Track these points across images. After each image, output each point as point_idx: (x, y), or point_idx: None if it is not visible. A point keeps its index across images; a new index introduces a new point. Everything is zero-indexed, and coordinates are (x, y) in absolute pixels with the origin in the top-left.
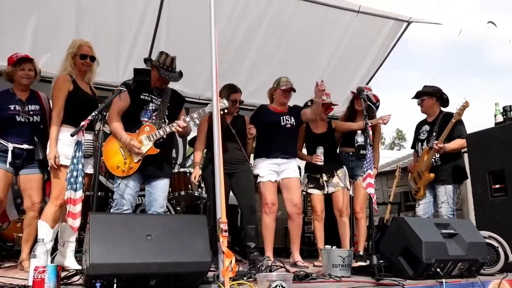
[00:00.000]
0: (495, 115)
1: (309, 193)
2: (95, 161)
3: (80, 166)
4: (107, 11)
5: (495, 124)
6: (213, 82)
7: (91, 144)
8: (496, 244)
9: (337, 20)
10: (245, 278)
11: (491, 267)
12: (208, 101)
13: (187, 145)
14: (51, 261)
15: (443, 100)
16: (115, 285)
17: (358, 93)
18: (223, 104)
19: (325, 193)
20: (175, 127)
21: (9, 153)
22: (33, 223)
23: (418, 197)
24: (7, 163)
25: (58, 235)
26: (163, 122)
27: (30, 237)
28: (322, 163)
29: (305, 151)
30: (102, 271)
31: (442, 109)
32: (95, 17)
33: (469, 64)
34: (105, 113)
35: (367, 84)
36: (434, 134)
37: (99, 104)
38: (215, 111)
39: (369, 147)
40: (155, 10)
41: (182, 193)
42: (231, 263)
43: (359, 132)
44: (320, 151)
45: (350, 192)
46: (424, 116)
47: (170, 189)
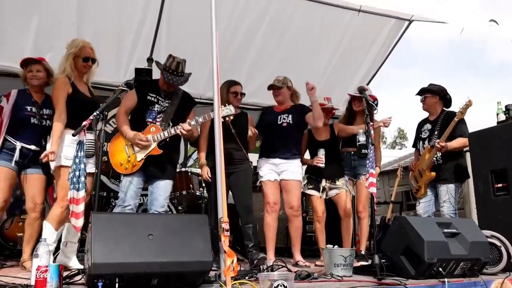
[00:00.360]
0: (497, 114)
1: (308, 194)
2: (96, 161)
3: (82, 166)
4: (108, 11)
5: (498, 123)
6: (214, 81)
7: (93, 143)
8: (498, 243)
9: (338, 19)
10: (246, 277)
11: (493, 266)
12: (209, 101)
13: (189, 145)
14: (53, 261)
15: (446, 100)
16: (117, 284)
17: (359, 92)
18: (229, 110)
19: (325, 197)
20: (180, 130)
21: (17, 152)
22: (35, 224)
23: (418, 195)
24: (13, 162)
25: (62, 234)
26: (168, 124)
27: (31, 238)
28: (323, 165)
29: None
30: (104, 270)
31: (444, 108)
32: (96, 17)
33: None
34: (106, 113)
35: (368, 83)
36: (436, 132)
37: (98, 104)
38: (216, 110)
39: (371, 146)
40: (156, 10)
41: (183, 192)
42: (232, 262)
43: (361, 131)
44: (321, 153)
45: (352, 192)
46: (425, 114)
47: None
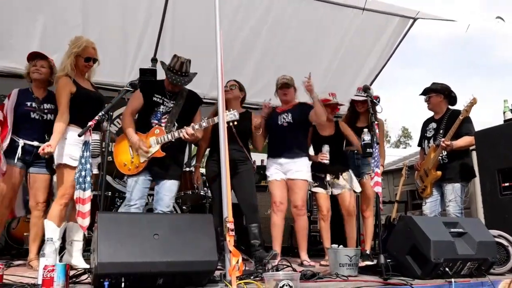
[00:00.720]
0: (504, 112)
1: (314, 192)
2: (102, 161)
3: (88, 166)
4: (112, 11)
5: (504, 121)
6: (219, 84)
7: (98, 144)
8: (506, 243)
9: (342, 17)
10: (252, 277)
11: (501, 266)
12: (213, 100)
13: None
14: (59, 260)
15: (451, 98)
16: (123, 284)
17: (364, 91)
18: (233, 115)
19: (329, 194)
20: (183, 134)
21: (19, 149)
22: (39, 223)
23: (424, 195)
24: (16, 159)
25: (66, 234)
26: (173, 125)
27: (37, 236)
28: (328, 162)
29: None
30: (110, 270)
31: (449, 106)
32: (101, 18)
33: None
34: (111, 113)
35: (372, 82)
36: (441, 131)
37: (103, 99)
38: (221, 111)
39: (376, 145)
40: (159, 10)
41: (188, 192)
42: (238, 262)
43: (365, 130)
44: (325, 149)
45: (358, 191)
46: (430, 113)
47: None
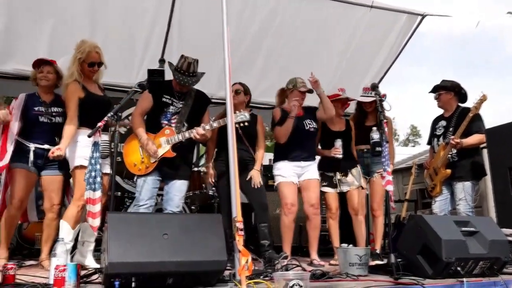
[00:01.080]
0: None
1: (323, 191)
2: (111, 162)
3: (98, 166)
4: (119, 13)
5: None
6: (226, 81)
7: (107, 144)
8: None
9: (349, 15)
10: (261, 276)
11: None
12: (220, 100)
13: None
14: (70, 260)
15: (461, 95)
16: (133, 283)
17: (372, 89)
18: (243, 116)
19: (338, 191)
20: (194, 134)
21: (31, 153)
22: (52, 224)
23: (434, 194)
24: (29, 163)
25: (78, 234)
26: (183, 126)
27: (49, 237)
28: (341, 156)
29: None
30: (120, 269)
31: (459, 104)
32: (108, 19)
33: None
34: (120, 114)
35: (380, 80)
36: (451, 129)
37: (111, 102)
38: (229, 111)
39: (385, 143)
40: (166, 10)
41: (196, 192)
42: (247, 262)
43: (374, 128)
44: (338, 144)
45: (366, 188)
46: (440, 111)
47: None
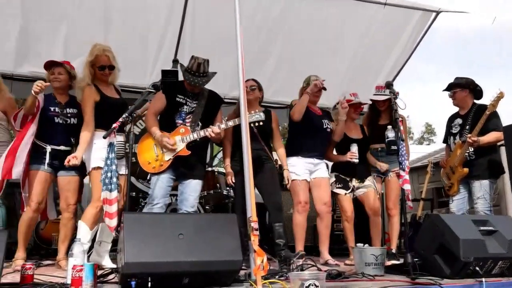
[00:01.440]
0: None
1: (336, 193)
2: (127, 162)
3: (113, 167)
4: (133, 16)
5: None
6: (240, 80)
7: (123, 145)
8: None
9: (363, 13)
10: (277, 276)
11: None
12: (233, 100)
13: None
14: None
15: (477, 92)
16: (149, 283)
17: (386, 87)
18: (258, 116)
19: (353, 197)
20: (209, 132)
21: (47, 155)
22: (69, 224)
23: (451, 193)
24: (46, 165)
25: (96, 234)
26: (197, 125)
27: (66, 237)
28: (357, 161)
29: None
30: (136, 269)
31: (475, 101)
32: (122, 21)
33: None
34: (135, 115)
35: (395, 78)
36: (467, 127)
37: (127, 103)
38: (243, 111)
39: (401, 142)
40: (179, 12)
41: (211, 192)
42: (262, 261)
43: (389, 127)
44: (354, 149)
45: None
46: (455, 109)
47: None
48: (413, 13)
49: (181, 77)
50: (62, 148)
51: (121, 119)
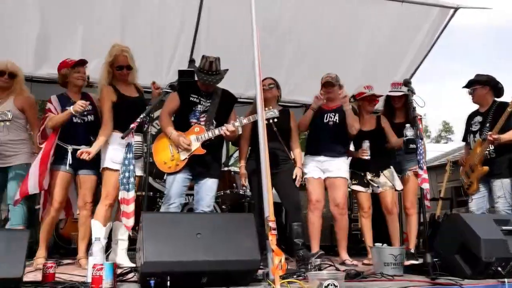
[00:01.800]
0: None
1: (354, 190)
2: (144, 162)
3: (131, 167)
4: (149, 16)
5: None
6: (256, 79)
7: (140, 145)
8: None
9: (379, 9)
10: (294, 276)
11: None
12: (249, 100)
13: (230, 144)
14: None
15: (497, 89)
16: (168, 282)
17: (404, 85)
18: (273, 113)
19: (370, 191)
20: (224, 131)
21: (69, 155)
22: (87, 222)
23: (471, 191)
24: (67, 165)
25: (112, 234)
26: (212, 123)
27: (85, 235)
28: (368, 157)
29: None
30: (156, 268)
31: (495, 99)
32: (138, 22)
33: None
34: (152, 115)
35: (412, 76)
36: (487, 125)
37: (145, 103)
38: (260, 110)
39: (420, 140)
40: (194, 12)
41: (227, 191)
42: (280, 261)
43: (408, 125)
44: (366, 145)
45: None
46: (473, 106)
47: None
48: (431, 10)
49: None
50: (82, 147)
51: (138, 120)
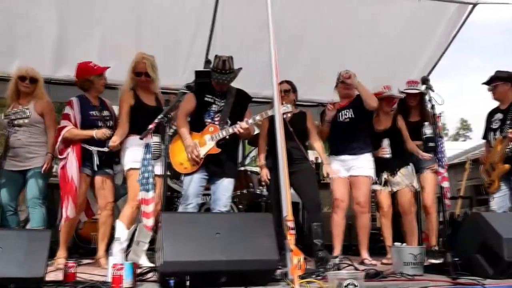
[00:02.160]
0: None
1: (374, 189)
2: (162, 163)
3: (150, 167)
4: (164, 17)
5: None
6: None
7: (159, 146)
8: None
9: (395, 6)
10: (313, 276)
11: None
12: (264, 100)
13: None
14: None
15: None
16: (187, 282)
17: (423, 82)
18: (286, 108)
19: (389, 190)
20: (237, 129)
21: (95, 157)
22: (108, 222)
23: (491, 190)
24: (94, 165)
25: (134, 234)
26: (226, 123)
27: (105, 235)
28: (389, 156)
29: None
30: (175, 268)
31: None
32: (153, 24)
33: None
34: (169, 116)
35: (429, 73)
36: (508, 122)
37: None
38: (277, 108)
39: (439, 138)
40: (209, 12)
41: (244, 191)
42: (299, 261)
43: (426, 123)
44: (385, 143)
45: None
46: (494, 103)
47: None
48: (449, 6)
49: None
50: (105, 149)
51: (156, 120)
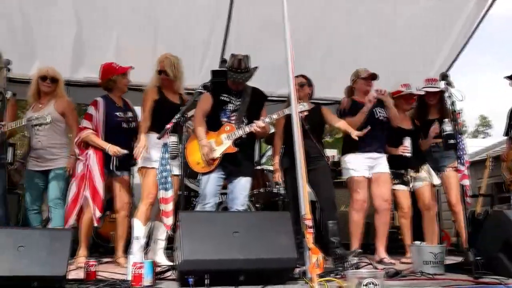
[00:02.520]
0: None
1: (394, 189)
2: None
3: (168, 167)
4: (179, 19)
5: None
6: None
7: (176, 145)
8: None
9: (412, 2)
10: (332, 275)
11: None
12: (280, 98)
13: (262, 142)
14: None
15: None
16: (206, 280)
17: (442, 79)
18: (302, 106)
19: (411, 189)
20: (254, 128)
21: (115, 158)
22: (125, 222)
23: None
24: (113, 167)
25: (151, 233)
26: (242, 122)
27: (123, 234)
28: (410, 154)
29: None
30: (194, 266)
31: None
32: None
33: None
34: (186, 115)
35: (448, 69)
36: None
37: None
38: (294, 106)
39: (460, 136)
40: (225, 11)
41: (260, 190)
42: (318, 259)
43: (446, 120)
44: (407, 142)
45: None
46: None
47: None
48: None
49: None
50: (125, 151)
51: (174, 120)
